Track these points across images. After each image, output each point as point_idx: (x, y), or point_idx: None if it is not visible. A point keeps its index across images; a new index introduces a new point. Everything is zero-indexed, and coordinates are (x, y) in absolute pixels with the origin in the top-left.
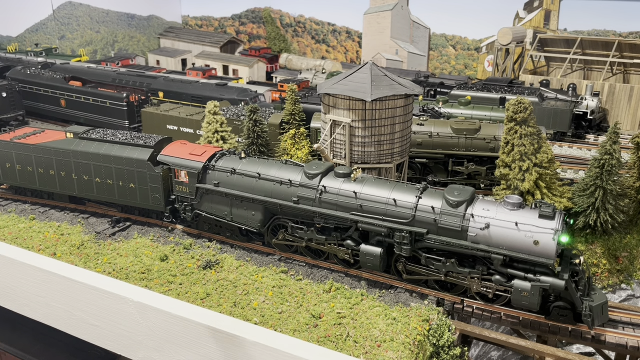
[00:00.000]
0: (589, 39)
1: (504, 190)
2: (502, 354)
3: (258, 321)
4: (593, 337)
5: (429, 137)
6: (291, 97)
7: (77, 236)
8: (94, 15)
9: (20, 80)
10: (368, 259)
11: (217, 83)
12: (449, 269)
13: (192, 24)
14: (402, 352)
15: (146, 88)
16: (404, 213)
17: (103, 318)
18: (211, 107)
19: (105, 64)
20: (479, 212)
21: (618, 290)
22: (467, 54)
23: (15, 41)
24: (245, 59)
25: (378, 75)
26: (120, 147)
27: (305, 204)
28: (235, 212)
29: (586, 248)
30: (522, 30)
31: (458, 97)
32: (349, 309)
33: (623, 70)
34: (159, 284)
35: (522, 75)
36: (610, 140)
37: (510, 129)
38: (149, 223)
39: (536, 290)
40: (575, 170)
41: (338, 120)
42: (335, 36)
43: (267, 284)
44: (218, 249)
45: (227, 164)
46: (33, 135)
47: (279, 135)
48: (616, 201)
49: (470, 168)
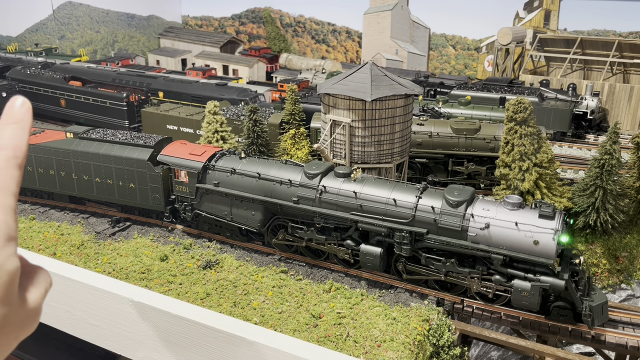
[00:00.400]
0: (589, 39)
1: (504, 190)
2: (502, 354)
3: (258, 321)
4: (593, 337)
5: (429, 137)
6: (291, 97)
7: (77, 236)
8: (94, 15)
9: (20, 80)
10: (368, 259)
11: (217, 83)
12: (449, 269)
13: (192, 24)
14: (402, 352)
15: (146, 88)
16: (404, 213)
17: (103, 318)
18: (211, 107)
19: (105, 64)
20: (479, 212)
21: (618, 290)
22: (467, 54)
23: (15, 41)
24: (245, 59)
25: (378, 75)
26: (120, 147)
27: (305, 204)
28: (235, 212)
29: (586, 248)
30: (522, 30)
31: (458, 97)
32: (349, 309)
33: (623, 70)
34: (159, 284)
35: (522, 75)
36: (610, 140)
37: (510, 129)
38: (149, 223)
39: (536, 290)
40: (575, 170)
41: (338, 120)
42: (335, 36)
43: (267, 284)
44: (218, 249)
45: (227, 164)
46: (33, 135)
47: (279, 135)
48: (616, 201)
49: (470, 168)
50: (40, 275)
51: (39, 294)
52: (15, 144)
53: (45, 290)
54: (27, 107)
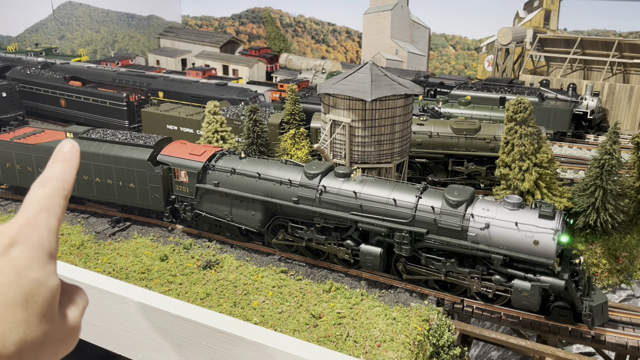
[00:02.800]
0: (589, 39)
1: (504, 190)
2: (502, 354)
3: (258, 321)
4: (593, 337)
5: (429, 137)
6: (291, 97)
7: (77, 236)
8: (94, 15)
9: (20, 80)
10: (368, 259)
11: (217, 83)
12: (449, 269)
13: (192, 24)
14: (402, 352)
15: (146, 88)
16: (404, 213)
17: (103, 318)
18: (211, 107)
19: (105, 64)
20: (479, 212)
21: (618, 290)
22: (467, 54)
23: (15, 41)
24: (245, 59)
25: (378, 75)
26: (120, 147)
27: (305, 204)
28: (235, 212)
29: (586, 248)
30: (522, 30)
31: (458, 97)
32: (349, 309)
33: (623, 70)
34: (159, 284)
35: (522, 75)
36: (610, 140)
37: (510, 129)
38: (149, 223)
39: (536, 290)
40: (575, 170)
41: (338, 120)
42: (335, 36)
43: (267, 284)
44: (218, 249)
45: (227, 164)
46: (33, 135)
47: (279, 135)
48: (616, 201)
49: (470, 168)
50: (78, 293)
51: (77, 311)
52: (64, 178)
53: (83, 309)
54: (76, 149)
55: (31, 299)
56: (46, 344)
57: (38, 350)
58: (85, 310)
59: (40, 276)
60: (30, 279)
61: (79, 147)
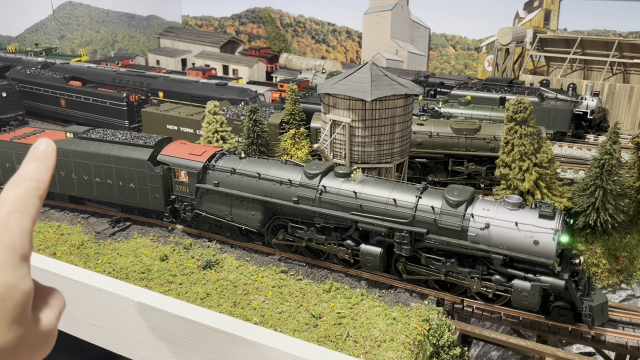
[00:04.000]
0: (589, 39)
1: (504, 190)
2: (502, 354)
3: (258, 321)
4: (593, 337)
5: (429, 137)
6: (291, 97)
7: (77, 236)
8: (94, 15)
9: (20, 80)
10: (368, 259)
11: (217, 83)
12: (449, 269)
13: (192, 24)
14: (402, 352)
15: (146, 88)
16: (404, 213)
17: (103, 318)
18: (211, 107)
19: (105, 64)
20: (479, 212)
21: (618, 290)
22: (467, 54)
23: (15, 41)
24: (245, 59)
25: (378, 75)
26: (120, 147)
27: (305, 204)
28: (235, 212)
29: (586, 248)
30: (522, 30)
31: (458, 97)
32: (349, 309)
33: (623, 70)
34: (159, 284)
35: (522, 75)
36: (610, 140)
37: (510, 129)
38: (149, 223)
39: (536, 290)
40: (575, 170)
41: (338, 120)
42: (335, 36)
43: (267, 284)
44: (218, 249)
45: (227, 164)
46: (33, 135)
47: (279, 135)
48: (616, 201)
49: (470, 168)
50: (54, 296)
51: (53, 315)
52: (38, 177)
53: (59, 312)
54: (52, 148)
55: (2, 303)
56: (19, 349)
57: (11, 355)
58: (62, 313)
59: (12, 279)
60: (1, 283)
61: (56, 146)
